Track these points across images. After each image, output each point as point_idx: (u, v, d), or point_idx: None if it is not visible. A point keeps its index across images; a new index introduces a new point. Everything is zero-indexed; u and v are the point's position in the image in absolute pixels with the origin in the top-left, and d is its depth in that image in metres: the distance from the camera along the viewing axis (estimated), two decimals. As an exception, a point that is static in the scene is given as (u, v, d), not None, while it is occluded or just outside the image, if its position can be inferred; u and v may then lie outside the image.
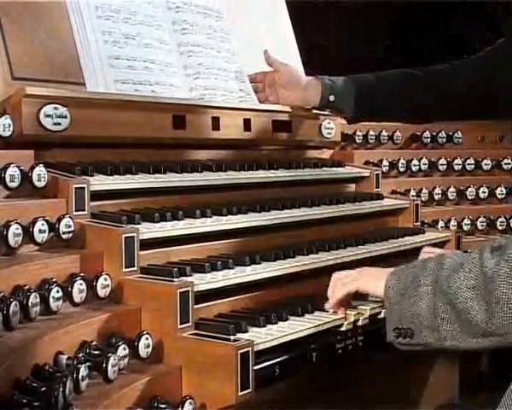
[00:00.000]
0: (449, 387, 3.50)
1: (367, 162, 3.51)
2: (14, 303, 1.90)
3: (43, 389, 1.76)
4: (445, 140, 3.78)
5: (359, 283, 2.25)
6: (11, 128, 2.31)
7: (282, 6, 3.55)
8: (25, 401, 1.72)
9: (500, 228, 3.66)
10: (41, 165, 2.28)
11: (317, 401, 2.67)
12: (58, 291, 2.06)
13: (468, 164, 3.75)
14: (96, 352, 2.00)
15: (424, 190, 3.61)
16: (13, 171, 2.20)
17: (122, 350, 2.02)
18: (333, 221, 3.01)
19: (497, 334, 1.81)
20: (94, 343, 2.03)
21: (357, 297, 2.45)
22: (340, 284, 2.32)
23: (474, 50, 3.10)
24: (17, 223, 2.12)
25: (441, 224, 3.59)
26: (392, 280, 2.06)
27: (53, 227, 2.21)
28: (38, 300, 2.00)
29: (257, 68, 3.24)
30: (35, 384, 1.79)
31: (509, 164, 3.77)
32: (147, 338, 2.09)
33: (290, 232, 2.82)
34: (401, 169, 3.61)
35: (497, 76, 3.00)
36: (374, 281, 2.16)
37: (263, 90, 3.22)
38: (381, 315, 2.47)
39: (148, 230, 2.32)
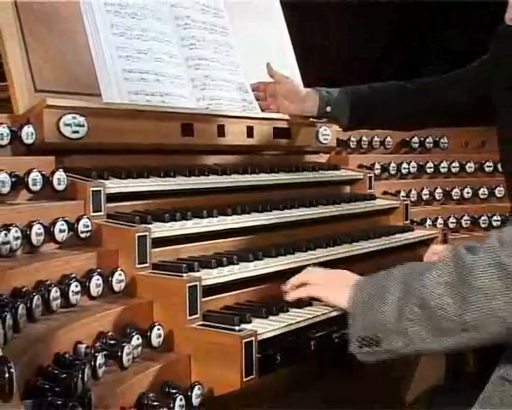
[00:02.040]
0: (436, 371, 3.49)
1: (360, 166, 3.51)
2: (36, 297, 1.91)
3: (64, 375, 1.77)
4: (432, 145, 3.78)
5: (321, 292, 2.15)
6: (34, 136, 2.31)
7: (282, 25, 3.55)
8: (47, 386, 1.72)
9: (483, 226, 3.66)
10: (61, 170, 2.29)
11: (315, 386, 2.67)
12: (77, 286, 2.07)
13: (454, 167, 3.74)
14: (112, 342, 2.01)
15: (413, 191, 3.61)
16: (35, 175, 2.20)
17: (136, 340, 2.02)
18: (329, 220, 3.00)
19: (471, 328, 1.70)
20: (110, 334, 2.04)
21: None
22: (305, 285, 2.24)
23: (474, 52, 3.04)
24: (39, 223, 2.12)
25: (429, 222, 3.59)
26: (355, 292, 1.94)
27: (72, 227, 2.21)
28: (59, 294, 2.01)
29: (258, 78, 3.23)
30: (56, 371, 1.79)
31: (490, 167, 3.77)
32: (158, 329, 2.10)
33: (290, 231, 2.81)
34: (392, 172, 3.61)
35: (479, 90, 3.00)
36: (335, 293, 2.05)
37: (264, 99, 3.23)
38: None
39: (159, 229, 2.32)
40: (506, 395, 1.86)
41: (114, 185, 2.39)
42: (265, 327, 2.16)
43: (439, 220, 3.61)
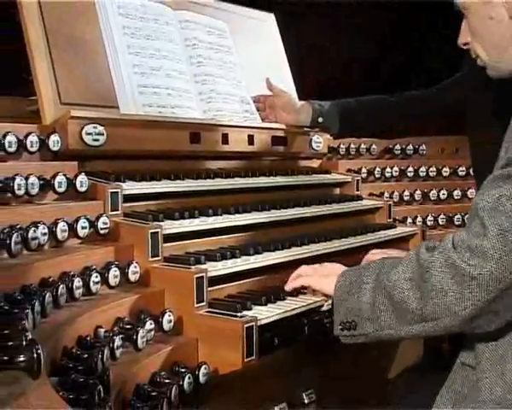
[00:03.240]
0: (415, 351, 3.49)
1: (349, 170, 3.50)
2: (61, 286, 1.91)
3: (86, 356, 1.77)
4: (412, 152, 3.77)
5: (313, 281, 2.13)
6: (59, 144, 2.32)
7: (280, 45, 3.54)
8: (71, 365, 1.73)
9: (457, 223, 3.66)
10: (83, 173, 2.29)
11: (308, 365, 2.67)
12: (97, 277, 2.07)
13: (431, 171, 3.74)
14: (128, 326, 2.01)
15: (395, 193, 3.60)
16: (60, 178, 2.21)
17: (149, 325, 2.03)
18: (321, 218, 3.00)
19: (430, 319, 1.70)
20: (126, 319, 2.04)
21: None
22: (299, 277, 2.21)
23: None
24: (64, 221, 2.13)
25: (409, 220, 3.58)
26: (340, 280, 1.92)
27: (92, 224, 2.22)
28: (81, 283, 2.01)
29: (259, 92, 3.23)
30: (79, 352, 1.80)
31: (463, 171, 3.77)
32: (169, 315, 2.10)
33: (286, 228, 2.81)
34: (377, 175, 3.60)
35: (451, 105, 3.01)
36: (325, 281, 2.02)
37: (264, 110, 3.23)
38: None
39: (170, 226, 2.32)
40: (467, 380, 1.85)
41: (130, 187, 2.39)
42: (264, 314, 2.16)
43: (419, 219, 3.60)
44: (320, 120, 3.16)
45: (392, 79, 3.12)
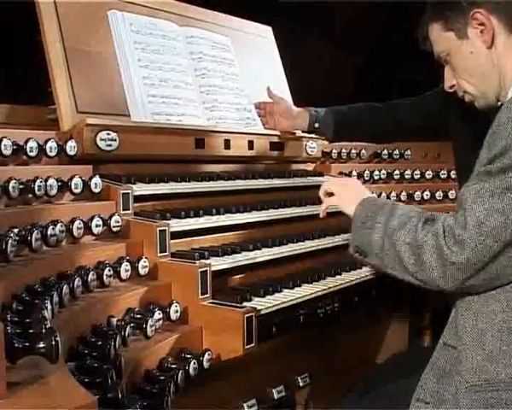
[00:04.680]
0: (400, 341, 3.50)
1: (341, 173, 3.50)
2: (77, 279, 1.92)
3: (100, 343, 1.78)
4: (398, 156, 3.77)
5: (339, 202, 2.14)
6: (76, 149, 2.32)
7: (277, 59, 3.55)
8: (86, 351, 1.73)
9: (439, 222, 3.67)
10: (97, 176, 2.30)
11: (303, 351, 2.68)
12: (110, 270, 2.07)
13: (416, 174, 3.74)
14: (138, 316, 2.02)
15: (383, 194, 3.60)
16: (76, 181, 2.21)
17: (157, 315, 2.03)
18: (316, 217, 2.99)
19: (421, 281, 1.81)
20: (136, 309, 2.05)
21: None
22: (328, 198, 2.21)
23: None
24: (80, 219, 2.13)
25: (396, 219, 3.58)
26: (359, 209, 2.00)
27: (106, 222, 2.22)
28: (95, 277, 2.02)
29: (259, 99, 3.24)
30: (93, 339, 1.80)
31: (445, 174, 3.77)
32: (176, 306, 2.10)
33: (284, 225, 2.81)
34: (366, 178, 3.60)
35: (434, 115, 3.01)
36: (347, 203, 2.07)
37: (264, 116, 3.23)
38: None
39: (177, 224, 2.32)
40: (450, 358, 1.88)
41: (140, 189, 2.39)
42: (263, 305, 2.16)
43: (404, 217, 3.61)
44: (316, 125, 3.16)
45: (374, 91, 3.12)
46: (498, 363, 1.77)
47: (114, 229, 2.24)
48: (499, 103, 1.96)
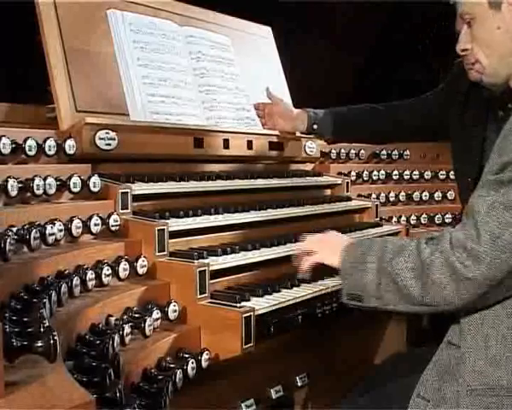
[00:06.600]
0: (398, 341, 3.50)
1: (339, 173, 3.51)
2: (75, 278, 1.92)
3: (98, 342, 1.78)
4: (397, 157, 3.78)
5: (322, 258, 2.10)
6: (74, 148, 2.32)
7: (277, 61, 3.55)
8: (84, 350, 1.73)
9: (437, 222, 3.67)
10: (96, 175, 2.30)
11: (302, 351, 2.68)
12: (108, 269, 2.07)
13: (414, 175, 3.75)
14: (137, 315, 2.02)
15: (382, 194, 3.61)
16: (75, 179, 2.21)
17: (156, 314, 2.03)
18: (314, 217, 3.00)
19: (430, 305, 1.78)
20: (135, 309, 2.05)
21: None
22: (309, 256, 2.18)
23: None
24: (78, 218, 2.13)
25: (394, 219, 3.58)
26: (345, 255, 1.95)
27: (104, 222, 2.22)
28: (94, 276, 2.02)
29: (259, 99, 3.24)
30: (91, 338, 1.80)
31: (443, 175, 3.79)
32: (174, 305, 2.10)
33: (282, 225, 2.81)
34: (365, 178, 3.61)
35: (433, 116, 3.00)
36: (331, 255, 2.02)
37: (263, 117, 3.23)
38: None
39: (175, 224, 2.32)
40: (453, 357, 1.88)
41: (139, 188, 2.39)
42: (261, 304, 2.16)
43: (403, 218, 3.61)
44: (315, 127, 3.16)
45: (374, 91, 3.12)
46: (501, 369, 1.77)
47: (113, 228, 2.24)
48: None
